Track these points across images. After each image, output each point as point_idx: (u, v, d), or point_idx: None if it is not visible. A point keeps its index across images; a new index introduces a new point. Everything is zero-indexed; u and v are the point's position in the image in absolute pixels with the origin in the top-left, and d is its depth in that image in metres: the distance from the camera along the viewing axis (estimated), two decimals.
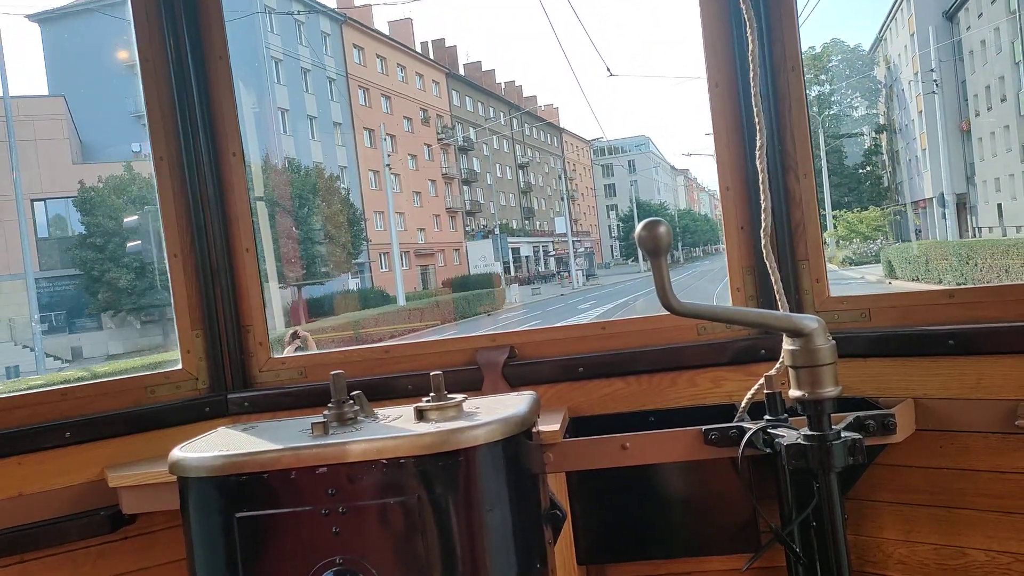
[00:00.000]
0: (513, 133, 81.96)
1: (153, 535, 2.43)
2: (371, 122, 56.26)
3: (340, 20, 54.68)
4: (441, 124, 67.75)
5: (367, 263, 50.45)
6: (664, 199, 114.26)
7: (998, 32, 43.09)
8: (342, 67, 54.38)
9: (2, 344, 33.31)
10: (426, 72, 67.00)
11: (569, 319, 33.16)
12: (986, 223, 46.56)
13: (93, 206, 34.20)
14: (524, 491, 1.86)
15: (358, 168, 54.13)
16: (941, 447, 2.15)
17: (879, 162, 66.22)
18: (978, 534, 2.13)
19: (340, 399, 1.87)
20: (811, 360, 1.76)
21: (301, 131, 50.01)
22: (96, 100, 41.06)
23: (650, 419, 2.40)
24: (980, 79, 47.09)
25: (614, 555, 2.52)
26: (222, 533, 1.71)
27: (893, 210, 57.13)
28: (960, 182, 50.79)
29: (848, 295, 2.39)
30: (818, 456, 1.77)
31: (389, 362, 2.60)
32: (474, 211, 71.89)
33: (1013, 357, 2.04)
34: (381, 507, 1.68)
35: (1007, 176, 44.47)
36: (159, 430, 2.47)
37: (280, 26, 49.20)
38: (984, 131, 47.30)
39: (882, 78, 65.79)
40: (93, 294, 35.62)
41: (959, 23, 49.26)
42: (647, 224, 1.66)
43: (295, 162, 41.05)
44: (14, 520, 2.27)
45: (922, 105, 51.29)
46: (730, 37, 2.36)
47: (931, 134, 47.32)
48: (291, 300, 38.26)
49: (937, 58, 47.03)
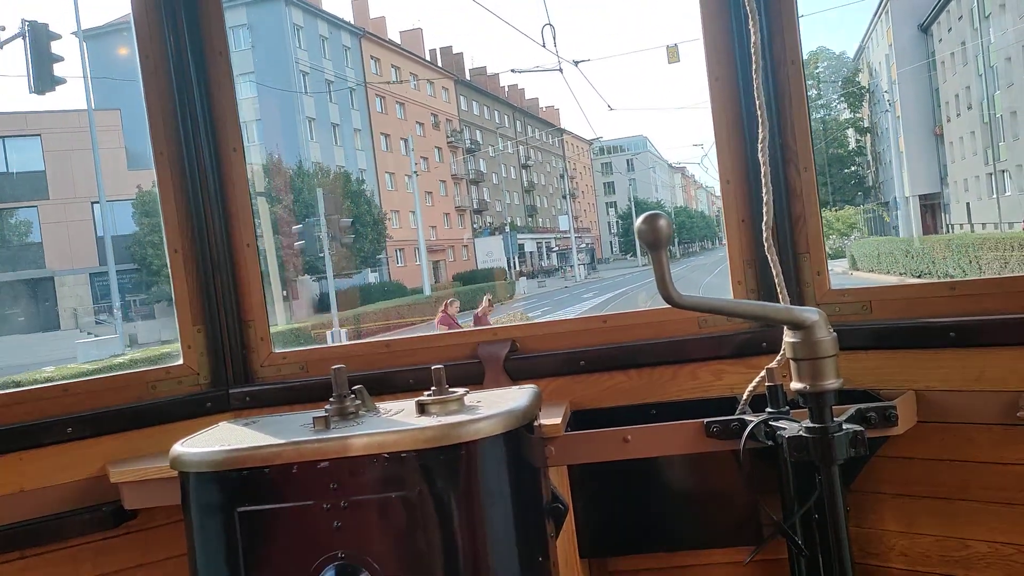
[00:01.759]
0: (517, 135, 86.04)
1: (155, 530, 2.42)
2: (387, 127, 60.71)
3: (359, 34, 59.58)
4: (450, 128, 72.03)
5: (384, 258, 54.57)
6: (661, 197, 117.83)
7: (964, 46, 46.99)
8: (361, 77, 58.80)
9: (67, 331, 37.46)
10: (436, 79, 71.46)
11: (575, 305, 37.35)
12: (957, 220, 50.65)
13: (149, 208, 38.29)
14: (526, 484, 1.86)
15: (376, 170, 58.56)
16: (943, 439, 2.13)
17: (863, 162, 70.27)
18: (980, 526, 2.11)
19: (341, 393, 1.87)
20: (812, 352, 1.75)
21: (325, 137, 54.37)
22: (140, 112, 44.86)
23: (651, 412, 2.39)
24: (951, 88, 51.29)
25: (616, 548, 2.51)
26: (224, 528, 1.71)
27: (867, 208, 61.33)
28: (935, 183, 54.79)
29: (849, 287, 2.38)
30: (820, 448, 1.76)
31: (390, 356, 2.59)
32: (481, 209, 76.13)
33: (1014, 349, 2.02)
34: (383, 501, 1.68)
35: (973, 178, 48.78)
36: (161, 425, 2.46)
37: (307, 41, 53.53)
38: (955, 136, 51.48)
39: (866, 83, 69.60)
40: (148, 287, 40.03)
41: (932, 35, 53.21)
42: (647, 217, 1.66)
43: (325, 167, 45.43)
44: (15, 516, 2.25)
45: (899, 110, 55.30)
46: (730, 32, 2.34)
47: (889, 145, 50.90)
48: (318, 292, 42.47)
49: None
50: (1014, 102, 41.51)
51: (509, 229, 73.58)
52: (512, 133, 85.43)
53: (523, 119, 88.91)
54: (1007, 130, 42.83)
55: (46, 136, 40.34)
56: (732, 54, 2.35)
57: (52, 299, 39.76)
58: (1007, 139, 43.03)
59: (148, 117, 2.56)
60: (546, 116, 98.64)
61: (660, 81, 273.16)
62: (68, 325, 38.78)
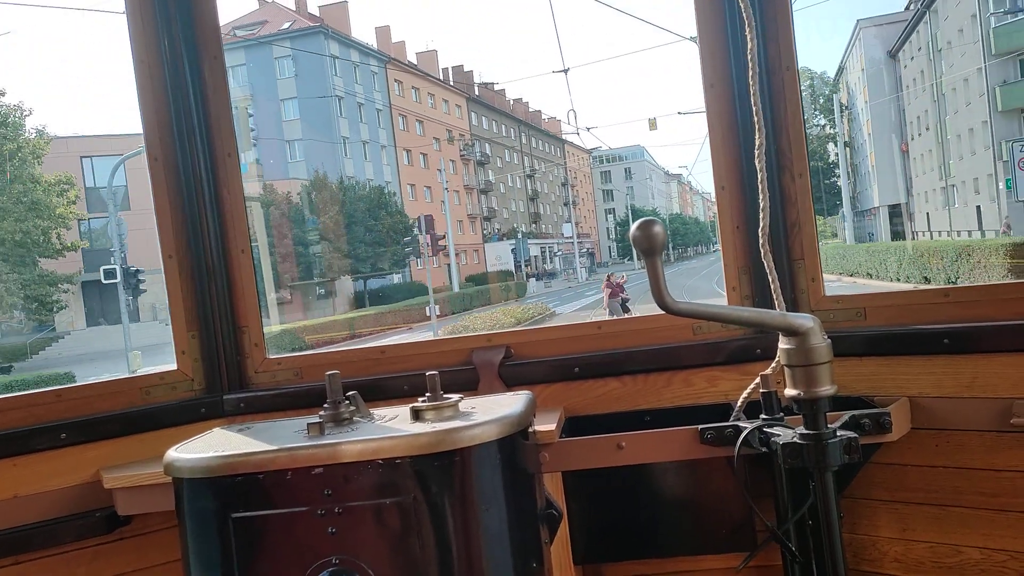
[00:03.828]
0: (522, 146, 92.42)
1: (148, 536, 2.41)
2: (409, 143, 67.51)
3: (385, 60, 66.13)
4: (463, 142, 78.48)
5: (407, 261, 61.09)
6: (658, 204, 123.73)
7: (923, 73, 53.37)
8: (386, 99, 65.40)
9: (146, 323, 43.77)
10: (450, 98, 78.30)
11: (580, 300, 43.71)
12: (920, 228, 57.11)
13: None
14: (520, 491, 1.86)
15: (399, 182, 65.02)
16: (936, 445, 2.13)
17: (840, 175, 76.77)
18: (973, 532, 2.11)
19: (336, 399, 1.86)
20: (807, 359, 1.75)
21: (357, 154, 60.95)
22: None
23: (646, 419, 2.38)
24: (914, 109, 57.68)
25: (610, 554, 2.51)
26: (218, 534, 1.70)
27: (839, 216, 67.93)
28: (903, 194, 61.31)
29: (843, 294, 2.37)
30: (814, 455, 1.77)
31: (385, 362, 2.57)
32: (490, 217, 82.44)
33: (1008, 355, 2.02)
34: (377, 507, 1.67)
35: (931, 191, 55.12)
36: (154, 431, 2.45)
37: (341, 68, 60.10)
38: (917, 152, 57.90)
39: (844, 101, 76.14)
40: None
41: (899, 61, 59.68)
42: (642, 224, 1.65)
43: (358, 181, 51.88)
44: (9, 522, 2.25)
45: (871, 128, 61.83)
46: (726, 39, 2.34)
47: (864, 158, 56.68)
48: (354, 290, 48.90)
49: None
50: (959, 127, 47.84)
51: (522, 235, 80.00)
52: (518, 145, 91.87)
53: (527, 131, 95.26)
54: (955, 151, 49.10)
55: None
56: (727, 61, 2.35)
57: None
58: (955, 158, 49.29)
59: (142, 121, 2.55)
60: (548, 127, 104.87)
61: (659, 84, 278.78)
62: (147, 317, 45.00)
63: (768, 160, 2.21)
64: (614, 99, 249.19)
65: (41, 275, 36.23)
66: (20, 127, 35.89)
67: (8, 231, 34.31)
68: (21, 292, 35.64)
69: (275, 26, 60.93)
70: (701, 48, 2.40)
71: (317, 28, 60.38)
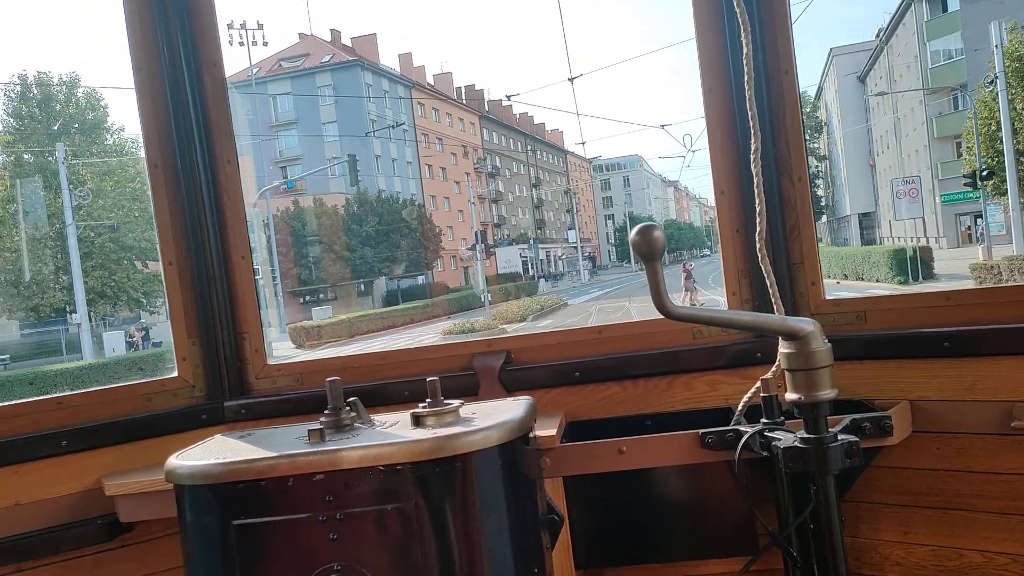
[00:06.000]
0: (528, 158, 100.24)
1: (150, 543, 2.40)
2: (431, 159, 76.38)
3: (410, 86, 74.46)
4: (476, 156, 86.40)
5: (432, 264, 69.03)
6: (654, 211, 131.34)
7: (884, 98, 61.25)
8: (411, 120, 73.45)
9: None
10: (465, 116, 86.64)
11: (584, 296, 51.83)
12: (884, 235, 65.02)
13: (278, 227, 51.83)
14: (521, 496, 1.85)
15: (423, 194, 73.15)
16: (937, 449, 2.12)
17: (820, 184, 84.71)
18: (975, 535, 2.10)
19: (336, 406, 1.86)
20: (807, 363, 1.75)
21: (387, 170, 69.07)
22: (255, 156, 59.50)
23: (646, 423, 2.38)
24: (879, 129, 65.71)
25: (611, 559, 2.50)
26: (219, 541, 1.70)
27: (822, 222, 75.77)
28: (871, 204, 69.23)
29: (844, 297, 2.37)
30: (815, 459, 1.76)
31: (385, 368, 2.57)
32: (500, 223, 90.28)
33: (1009, 359, 2.02)
34: (378, 513, 1.67)
35: (889, 202, 63.05)
36: (156, 438, 2.45)
37: (374, 94, 68.31)
38: (882, 167, 65.90)
39: (823, 118, 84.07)
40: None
41: (867, 84, 67.66)
42: (641, 229, 1.64)
43: (392, 195, 59.73)
44: (11, 529, 2.24)
45: (843, 144, 69.67)
46: (724, 43, 2.34)
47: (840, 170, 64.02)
48: (386, 289, 56.78)
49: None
50: (909, 148, 55.99)
51: (534, 241, 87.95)
52: (524, 157, 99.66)
53: (533, 144, 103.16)
54: (911, 167, 56.82)
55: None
56: (726, 65, 2.34)
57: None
58: (908, 174, 57.20)
59: (142, 128, 2.56)
60: (552, 139, 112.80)
61: (657, 90, 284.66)
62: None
63: (767, 164, 2.25)
64: (613, 106, 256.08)
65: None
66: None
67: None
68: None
69: (316, 58, 71.29)
70: (700, 53, 2.40)
71: (354, 62, 70.79)
